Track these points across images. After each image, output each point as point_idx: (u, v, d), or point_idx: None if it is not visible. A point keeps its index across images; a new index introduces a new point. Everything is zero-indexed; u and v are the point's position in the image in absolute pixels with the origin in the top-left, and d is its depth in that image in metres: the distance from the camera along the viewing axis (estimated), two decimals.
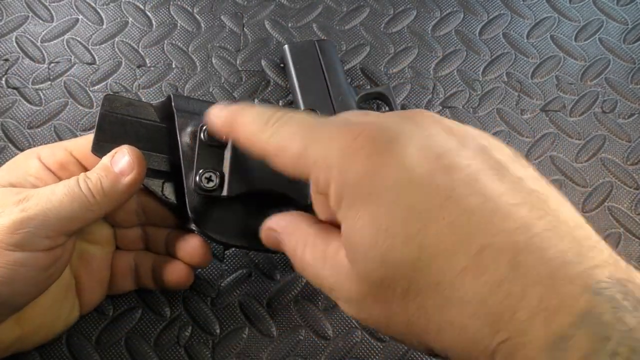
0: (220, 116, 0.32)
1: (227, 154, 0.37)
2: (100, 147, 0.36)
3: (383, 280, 0.25)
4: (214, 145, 0.37)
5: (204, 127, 0.37)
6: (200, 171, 0.36)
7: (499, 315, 0.22)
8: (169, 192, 0.38)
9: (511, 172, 0.25)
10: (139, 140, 0.37)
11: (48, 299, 0.37)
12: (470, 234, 0.23)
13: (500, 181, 0.24)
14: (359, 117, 0.28)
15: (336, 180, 0.26)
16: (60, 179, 0.36)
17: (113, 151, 0.35)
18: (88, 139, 0.38)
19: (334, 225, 0.29)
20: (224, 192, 0.36)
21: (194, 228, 0.38)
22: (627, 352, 0.20)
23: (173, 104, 0.37)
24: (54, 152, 0.37)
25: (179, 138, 0.37)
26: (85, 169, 0.37)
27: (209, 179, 0.36)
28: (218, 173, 0.37)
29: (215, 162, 0.36)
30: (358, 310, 0.27)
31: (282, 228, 0.32)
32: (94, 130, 0.37)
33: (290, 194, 0.37)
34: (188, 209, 0.36)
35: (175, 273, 0.39)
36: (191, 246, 0.39)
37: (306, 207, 0.36)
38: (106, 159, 0.35)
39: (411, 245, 0.24)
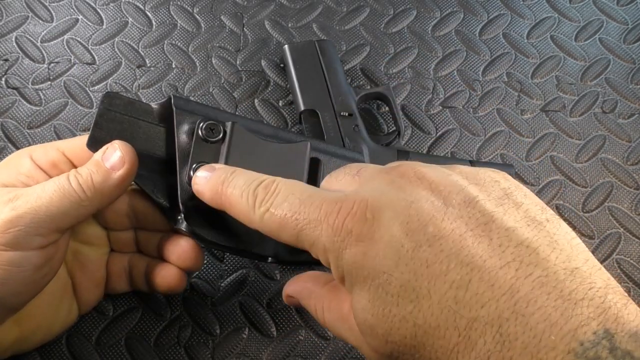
0: (205, 188, 0.33)
1: (224, 150, 0.36)
2: (96, 143, 0.36)
3: (391, 354, 0.26)
4: (211, 141, 0.37)
5: (202, 124, 0.36)
6: (194, 165, 0.36)
7: None
8: (161, 193, 0.38)
9: (499, 223, 0.25)
10: (135, 140, 0.37)
11: (45, 300, 0.37)
12: (458, 310, 0.23)
13: (488, 239, 0.24)
14: (345, 185, 0.29)
15: (334, 262, 0.27)
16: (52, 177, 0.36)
17: (105, 147, 0.35)
18: (81, 139, 0.37)
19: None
20: None
21: (183, 228, 0.37)
22: None
23: (173, 102, 0.37)
24: (46, 152, 0.37)
25: (175, 134, 0.37)
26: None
27: None
28: None
29: (210, 158, 0.36)
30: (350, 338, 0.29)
31: (298, 294, 0.34)
32: (91, 127, 0.37)
33: None
34: (180, 203, 0.36)
35: (167, 277, 0.39)
36: (182, 250, 0.39)
37: None
38: (98, 154, 0.35)
39: (407, 325, 0.25)
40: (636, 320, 0.22)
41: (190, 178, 0.36)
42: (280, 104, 0.53)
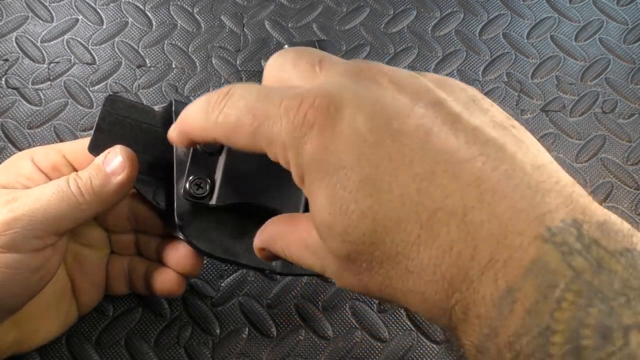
0: (173, 128, 0.32)
1: (221, 163, 0.36)
2: (97, 147, 0.36)
3: (349, 256, 0.25)
4: (209, 152, 0.36)
5: None
6: (191, 177, 0.36)
7: (452, 278, 0.22)
8: (160, 198, 0.38)
9: (466, 122, 0.24)
10: (136, 144, 0.36)
11: (44, 302, 0.37)
12: (420, 201, 0.23)
13: (454, 136, 0.24)
14: (306, 79, 0.27)
15: (293, 160, 0.25)
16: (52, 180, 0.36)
17: (106, 151, 0.35)
18: (82, 142, 0.37)
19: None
20: (213, 201, 0.36)
21: (180, 236, 0.37)
22: (573, 297, 0.20)
23: (173, 109, 0.37)
24: (47, 154, 0.37)
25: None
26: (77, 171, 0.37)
27: (199, 186, 0.36)
28: (209, 181, 0.36)
29: (208, 170, 0.36)
30: (343, 281, 0.27)
31: (267, 243, 0.31)
32: (93, 130, 0.37)
33: (283, 209, 0.36)
34: (175, 215, 0.36)
35: (166, 282, 0.39)
36: (181, 255, 0.38)
37: None
38: (99, 159, 0.35)
39: (366, 220, 0.24)
40: (602, 214, 0.22)
41: (186, 190, 0.35)
42: None
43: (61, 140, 0.50)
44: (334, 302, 0.45)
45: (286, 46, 0.53)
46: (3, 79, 0.52)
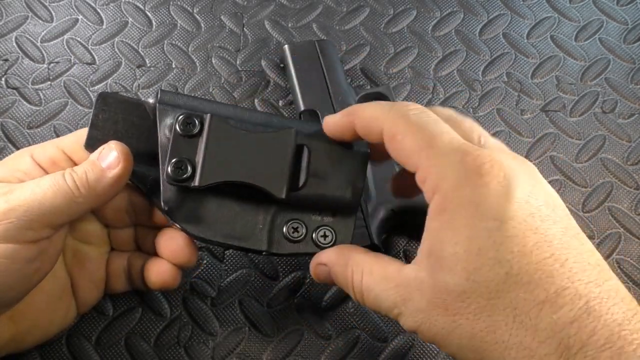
0: (337, 115, 0.36)
1: (202, 145, 0.36)
2: (93, 144, 0.36)
3: (462, 294, 0.28)
4: (190, 135, 0.36)
5: (180, 117, 0.36)
6: (173, 161, 0.35)
7: (569, 347, 0.26)
8: (156, 188, 0.37)
9: (583, 238, 0.30)
10: (130, 137, 0.37)
11: (43, 299, 0.37)
12: (552, 276, 0.27)
13: (580, 243, 0.29)
14: (474, 146, 0.30)
15: (445, 194, 0.29)
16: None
17: (101, 147, 0.35)
18: (78, 134, 0.38)
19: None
20: (195, 182, 0.35)
21: (170, 222, 0.37)
22: None
23: (158, 97, 0.37)
24: (45, 149, 0.37)
25: (158, 131, 0.37)
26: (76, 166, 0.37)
27: (180, 169, 0.35)
28: (191, 163, 0.36)
29: (190, 153, 0.36)
30: (423, 320, 0.29)
31: (333, 262, 0.34)
32: (88, 127, 0.37)
33: (267, 187, 0.36)
34: (161, 200, 0.36)
35: (161, 273, 0.39)
36: (176, 244, 0.38)
37: (282, 200, 0.36)
38: (94, 155, 0.35)
39: (499, 270, 0.27)
40: None
41: (168, 174, 0.35)
42: (280, 104, 0.53)
43: None
44: (334, 302, 0.45)
45: (286, 46, 0.53)
46: (3, 78, 0.52)
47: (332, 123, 0.36)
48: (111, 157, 0.35)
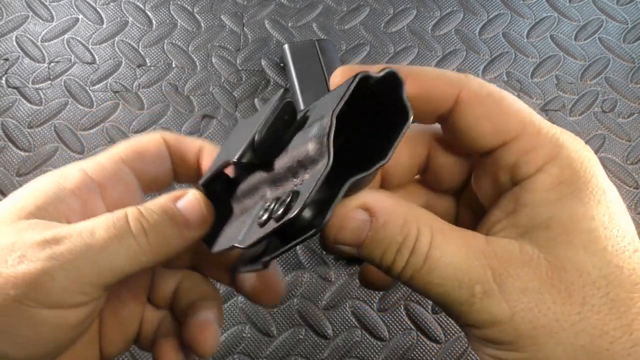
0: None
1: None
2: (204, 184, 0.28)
3: (600, 279, 0.22)
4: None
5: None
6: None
7: None
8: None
9: None
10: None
11: (67, 356, 0.29)
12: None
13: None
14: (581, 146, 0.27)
15: (570, 165, 0.24)
16: (107, 204, 0.28)
17: (179, 192, 0.27)
18: (145, 142, 0.30)
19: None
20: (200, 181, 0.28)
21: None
22: None
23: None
24: (101, 165, 0.29)
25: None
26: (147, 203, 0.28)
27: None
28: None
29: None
30: (527, 305, 0.22)
31: (386, 209, 0.23)
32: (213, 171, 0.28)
33: (225, 159, 0.27)
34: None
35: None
36: (201, 337, 0.30)
37: (241, 165, 0.26)
38: (169, 200, 0.27)
39: (638, 259, 0.23)
40: None
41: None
42: None
43: (62, 140, 0.50)
44: (334, 302, 0.45)
45: (286, 45, 0.53)
46: (3, 78, 0.52)
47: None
48: (196, 210, 0.27)
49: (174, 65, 0.54)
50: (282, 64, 0.54)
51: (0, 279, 0.23)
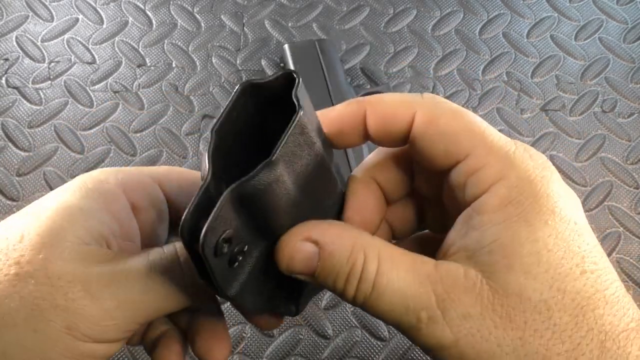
0: (339, 105, 0.27)
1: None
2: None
3: (541, 304, 0.22)
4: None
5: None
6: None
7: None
8: None
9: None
10: None
11: None
12: (632, 300, 0.23)
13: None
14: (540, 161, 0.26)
15: (515, 184, 0.24)
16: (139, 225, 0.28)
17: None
18: (184, 173, 0.30)
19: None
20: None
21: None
22: None
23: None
24: (145, 189, 0.28)
25: None
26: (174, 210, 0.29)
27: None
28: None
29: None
30: (470, 331, 0.22)
31: (332, 239, 0.24)
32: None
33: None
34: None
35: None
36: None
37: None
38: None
39: (586, 281, 0.22)
40: None
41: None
42: None
43: (62, 140, 0.50)
44: (334, 301, 0.45)
45: (286, 45, 0.53)
46: (3, 78, 0.52)
47: (334, 116, 0.26)
48: None
49: (174, 65, 0.54)
50: (282, 64, 0.54)
51: (60, 310, 0.23)
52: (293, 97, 0.22)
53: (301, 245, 0.24)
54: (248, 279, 0.24)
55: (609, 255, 0.48)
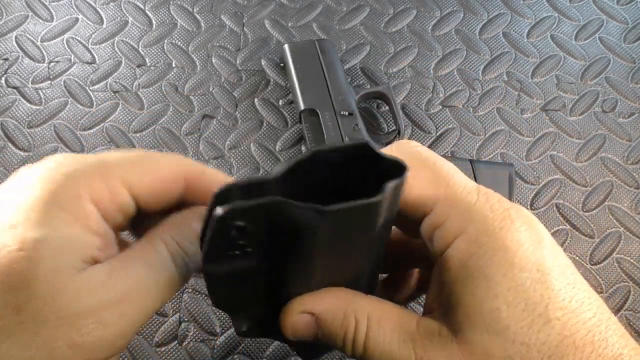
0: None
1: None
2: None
3: (509, 357, 0.23)
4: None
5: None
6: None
7: None
8: None
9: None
10: None
11: None
12: (604, 339, 0.24)
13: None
14: (489, 189, 0.26)
15: (474, 238, 0.24)
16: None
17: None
18: (144, 160, 0.27)
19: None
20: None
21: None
22: None
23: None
24: (112, 190, 0.25)
25: None
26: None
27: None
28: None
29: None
30: None
31: (327, 308, 0.26)
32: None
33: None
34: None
35: None
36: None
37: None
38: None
39: (550, 331, 0.23)
40: None
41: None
42: (280, 103, 0.53)
43: (62, 140, 0.50)
44: None
45: (286, 45, 0.53)
46: (3, 78, 0.52)
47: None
48: None
49: (174, 65, 0.54)
50: (282, 64, 0.54)
51: (78, 348, 0.23)
52: (384, 187, 0.22)
53: (299, 317, 0.27)
54: (230, 273, 0.25)
55: (609, 255, 0.48)
